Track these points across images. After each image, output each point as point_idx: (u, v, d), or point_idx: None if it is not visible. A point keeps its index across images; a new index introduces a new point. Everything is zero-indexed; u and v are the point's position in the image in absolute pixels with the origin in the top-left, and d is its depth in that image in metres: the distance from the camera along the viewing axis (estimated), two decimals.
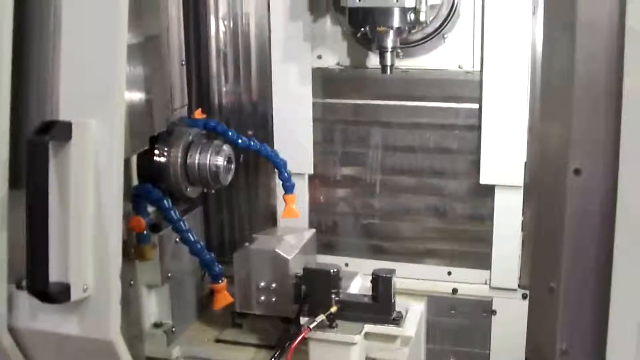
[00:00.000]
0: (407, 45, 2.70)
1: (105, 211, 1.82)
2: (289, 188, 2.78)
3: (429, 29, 2.68)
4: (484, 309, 2.82)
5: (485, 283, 2.82)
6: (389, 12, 2.47)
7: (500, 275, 2.78)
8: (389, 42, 2.52)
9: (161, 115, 2.57)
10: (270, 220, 3.05)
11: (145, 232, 2.43)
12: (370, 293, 2.49)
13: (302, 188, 2.91)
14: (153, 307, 2.65)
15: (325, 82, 2.87)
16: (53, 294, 1.78)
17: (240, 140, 2.70)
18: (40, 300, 1.80)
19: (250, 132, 2.96)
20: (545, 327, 2.33)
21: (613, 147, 2.03)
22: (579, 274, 2.19)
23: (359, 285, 2.67)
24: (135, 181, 2.48)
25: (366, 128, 2.87)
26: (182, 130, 2.56)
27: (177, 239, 2.49)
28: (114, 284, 1.85)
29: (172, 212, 2.40)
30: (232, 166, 2.62)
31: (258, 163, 3.03)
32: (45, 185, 1.74)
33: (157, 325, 2.65)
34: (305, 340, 2.41)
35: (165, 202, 2.39)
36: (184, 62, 2.79)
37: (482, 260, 2.81)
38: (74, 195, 1.78)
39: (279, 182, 2.82)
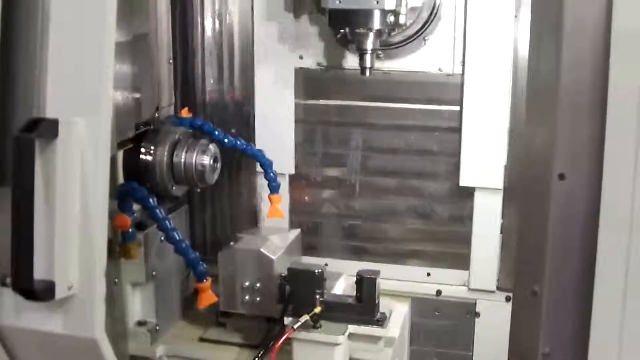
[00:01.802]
0: (388, 47, 2.72)
1: (91, 209, 1.82)
2: (274, 188, 2.79)
3: (410, 32, 2.70)
4: (468, 311, 2.83)
5: (464, 284, 2.84)
6: (369, 13, 2.47)
7: (479, 277, 2.80)
8: (369, 43, 2.53)
9: (147, 113, 2.57)
10: (254, 220, 3.06)
11: (130, 230, 2.42)
12: (354, 294, 2.50)
13: (283, 188, 2.91)
14: (137, 305, 2.64)
15: (307, 82, 2.88)
16: (38, 292, 1.78)
17: (226, 140, 2.71)
18: (24, 298, 1.80)
19: (233, 130, 2.95)
20: (528, 330, 2.34)
21: (597, 152, 2.05)
22: (563, 277, 2.21)
23: (342, 286, 2.68)
24: (121, 179, 2.48)
25: (347, 129, 2.89)
26: (169, 129, 2.55)
27: (162, 238, 2.49)
28: (98, 282, 1.85)
29: (157, 210, 2.39)
30: (218, 165, 2.62)
31: (241, 162, 3.03)
32: (31, 183, 1.74)
33: (141, 323, 2.65)
34: (289, 341, 2.42)
35: (150, 200, 2.39)
36: (171, 61, 2.78)
37: (462, 262, 2.84)
38: (60, 193, 1.78)
39: (260, 182, 2.83)
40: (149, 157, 2.49)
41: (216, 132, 2.70)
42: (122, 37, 2.24)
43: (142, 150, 2.49)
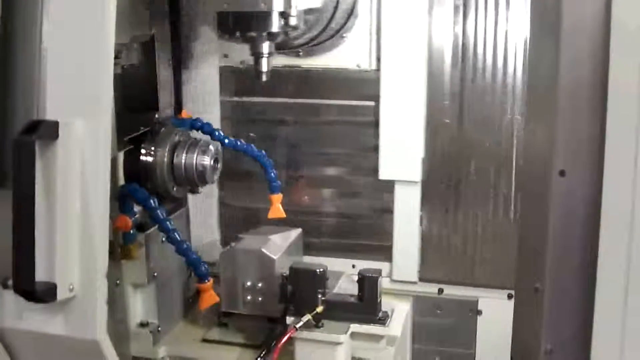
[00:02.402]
0: (307, 45, 2.75)
1: (92, 210, 1.82)
2: (275, 188, 2.79)
3: (314, 31, 2.72)
4: (470, 309, 2.83)
5: (388, 276, 2.87)
6: (257, 16, 2.38)
7: (401, 269, 2.83)
8: (264, 47, 2.46)
9: (148, 114, 2.57)
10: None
11: (131, 231, 2.42)
12: (355, 293, 2.50)
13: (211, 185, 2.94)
14: (139, 306, 2.64)
15: (232, 80, 2.92)
16: (39, 294, 1.78)
17: (226, 140, 2.71)
18: (26, 300, 1.80)
19: None
20: (530, 327, 2.35)
21: (598, 149, 2.05)
22: (564, 274, 2.21)
23: (344, 285, 2.68)
24: (121, 181, 2.47)
25: (272, 125, 2.93)
26: (169, 130, 2.56)
27: (164, 239, 2.49)
28: (100, 284, 1.85)
29: (158, 211, 2.39)
30: (219, 166, 2.62)
31: None
32: (32, 185, 1.74)
33: (143, 324, 2.64)
34: (291, 340, 2.42)
35: (151, 201, 2.38)
36: (171, 62, 2.78)
37: (384, 254, 2.88)
38: (60, 195, 1.78)
39: None
40: (149, 158, 2.49)
41: (216, 133, 2.70)
42: (121, 39, 2.24)
43: (143, 151, 2.49)
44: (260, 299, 2.65)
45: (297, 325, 2.39)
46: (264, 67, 2.49)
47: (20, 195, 1.74)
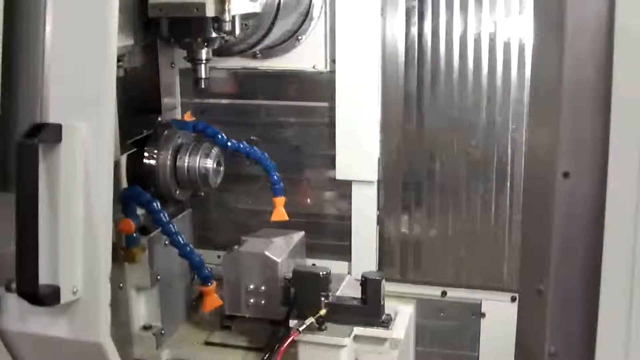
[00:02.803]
0: (251, 50, 2.75)
1: (95, 213, 1.82)
2: (278, 191, 2.78)
3: (265, 35, 2.70)
4: (473, 312, 2.83)
5: (347, 275, 2.88)
6: (193, 22, 2.28)
7: (360, 267, 2.82)
8: (201, 53, 2.38)
9: (150, 117, 2.57)
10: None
11: (134, 234, 2.42)
12: (359, 295, 2.50)
13: None
14: (142, 309, 2.64)
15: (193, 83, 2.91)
16: (42, 297, 1.78)
17: (229, 143, 2.70)
18: (29, 303, 1.80)
19: None
20: (534, 329, 2.34)
21: (601, 150, 2.05)
22: (568, 276, 2.21)
23: (347, 288, 2.68)
24: (124, 184, 2.47)
25: (233, 126, 2.93)
26: (172, 133, 2.56)
27: (167, 242, 2.49)
28: (103, 287, 1.85)
29: (161, 214, 2.39)
30: (222, 169, 2.61)
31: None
32: (35, 188, 1.74)
33: (146, 327, 2.64)
34: (294, 343, 2.41)
35: (154, 204, 2.39)
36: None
37: (344, 253, 2.91)
38: (63, 198, 1.78)
39: None
40: (152, 161, 2.49)
41: (219, 136, 2.70)
42: (124, 41, 2.24)
43: (146, 154, 2.49)
44: (263, 301, 2.65)
45: (300, 328, 2.39)
46: (203, 74, 2.42)
47: (23, 198, 1.75)
